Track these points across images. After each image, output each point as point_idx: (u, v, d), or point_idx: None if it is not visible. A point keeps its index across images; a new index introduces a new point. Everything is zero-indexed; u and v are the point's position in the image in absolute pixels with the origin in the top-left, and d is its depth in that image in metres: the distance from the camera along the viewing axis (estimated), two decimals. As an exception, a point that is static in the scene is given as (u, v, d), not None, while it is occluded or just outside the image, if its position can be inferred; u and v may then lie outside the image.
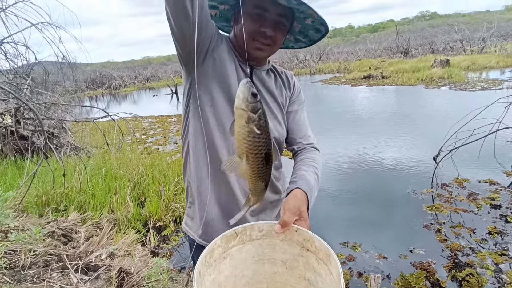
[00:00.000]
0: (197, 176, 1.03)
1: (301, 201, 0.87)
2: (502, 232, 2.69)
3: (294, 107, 1.14)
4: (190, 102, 1.02)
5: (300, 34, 1.13)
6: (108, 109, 15.14)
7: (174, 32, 0.87)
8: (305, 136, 1.13)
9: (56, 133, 5.35)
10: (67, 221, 2.64)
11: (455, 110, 6.95)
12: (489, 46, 19.23)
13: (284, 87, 1.13)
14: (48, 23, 4.33)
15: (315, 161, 1.06)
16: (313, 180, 0.97)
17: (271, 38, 0.97)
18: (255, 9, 0.94)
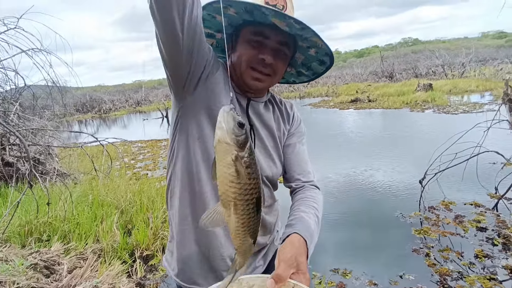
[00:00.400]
0: (179, 213, 0.96)
1: (299, 250, 0.74)
2: (489, 256, 2.72)
3: (293, 139, 1.06)
4: (177, 133, 0.94)
5: (303, 67, 1.07)
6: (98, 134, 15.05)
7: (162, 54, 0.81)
8: (304, 173, 1.03)
9: (42, 159, 5.26)
10: (50, 252, 2.56)
11: (439, 133, 7.16)
12: (468, 71, 20.14)
13: (283, 120, 1.06)
14: (39, 49, 4.39)
15: (315, 200, 0.96)
16: (314, 223, 0.87)
17: (271, 66, 0.90)
18: (254, 36, 0.88)
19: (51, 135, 5.98)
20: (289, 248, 0.74)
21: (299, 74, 1.10)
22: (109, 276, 2.16)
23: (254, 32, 0.88)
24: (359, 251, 3.05)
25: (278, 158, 1.02)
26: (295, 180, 1.03)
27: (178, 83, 0.86)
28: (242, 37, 0.91)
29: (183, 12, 0.73)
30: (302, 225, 0.83)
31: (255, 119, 0.98)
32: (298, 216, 0.87)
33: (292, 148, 1.05)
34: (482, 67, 21.41)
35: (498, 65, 19.17)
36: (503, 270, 2.52)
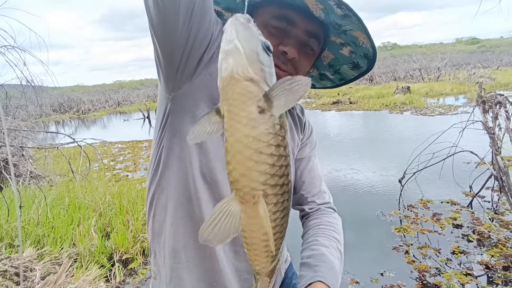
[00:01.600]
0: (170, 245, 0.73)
1: None
2: (465, 252, 2.81)
3: (305, 151, 0.88)
4: (165, 135, 0.71)
5: (329, 69, 0.85)
6: (76, 134, 14.55)
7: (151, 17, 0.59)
8: (320, 193, 0.88)
9: (14, 161, 5.02)
10: (21, 257, 2.43)
11: (417, 134, 7.37)
12: (444, 75, 20.94)
13: (296, 127, 0.86)
14: (12, 46, 4.19)
15: (335, 229, 0.81)
16: (338, 263, 0.72)
17: (293, 62, 0.68)
18: (277, 21, 0.66)
19: (25, 135, 5.73)
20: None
21: (322, 77, 0.88)
22: (86, 281, 2.07)
23: (277, 15, 0.66)
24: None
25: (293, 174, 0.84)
26: (308, 203, 0.86)
27: (170, 63, 0.64)
28: (260, 16, 0.68)
29: None
30: (326, 269, 0.67)
31: None
32: (319, 253, 0.71)
33: (306, 162, 0.87)
34: (456, 71, 22.32)
35: (471, 69, 20.05)
36: (478, 265, 2.61)
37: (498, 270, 2.51)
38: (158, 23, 0.59)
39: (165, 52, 0.63)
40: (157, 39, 0.62)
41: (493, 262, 2.62)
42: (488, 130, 3.24)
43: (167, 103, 0.70)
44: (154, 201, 0.75)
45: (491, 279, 2.45)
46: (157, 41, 0.62)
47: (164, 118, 0.71)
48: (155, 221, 0.75)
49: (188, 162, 0.68)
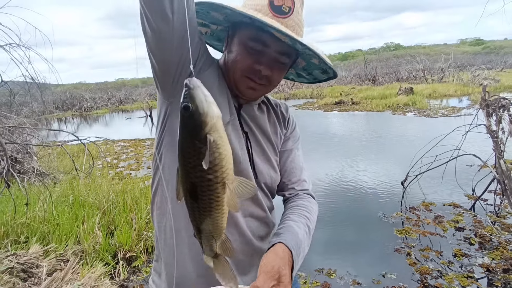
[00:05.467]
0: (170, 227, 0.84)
1: (282, 261, 0.69)
2: (466, 255, 2.82)
3: (288, 145, 1.00)
4: (165, 135, 0.84)
5: (304, 71, 1.00)
6: (78, 132, 14.60)
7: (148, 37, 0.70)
8: (299, 181, 0.97)
9: (19, 158, 5.06)
10: (27, 254, 2.46)
11: (420, 136, 7.37)
12: (447, 76, 20.86)
13: (279, 123, 0.99)
14: (17, 44, 4.22)
15: (307, 210, 0.90)
16: (303, 233, 0.82)
17: (267, 78, 0.82)
18: (252, 42, 0.79)
19: (29, 133, 5.77)
20: (272, 258, 0.70)
21: (299, 75, 1.04)
22: (91, 279, 2.10)
23: (252, 37, 0.79)
24: (343, 251, 3.10)
25: (276, 164, 0.95)
26: (289, 189, 0.96)
27: (167, 75, 0.76)
28: (238, 38, 0.81)
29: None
30: (289, 235, 0.78)
31: (251, 123, 0.91)
32: (287, 225, 0.82)
33: (288, 154, 0.98)
34: (460, 73, 22.22)
35: (475, 71, 19.95)
36: (479, 268, 2.62)
37: (498, 273, 2.52)
38: (157, 48, 0.71)
39: (162, 69, 0.75)
40: (155, 60, 0.73)
41: (493, 265, 2.63)
42: (492, 133, 3.25)
43: (166, 107, 0.82)
44: (157, 191, 0.87)
45: (491, 281, 2.46)
46: (155, 61, 0.73)
47: (164, 119, 0.83)
48: (158, 208, 0.88)
49: None
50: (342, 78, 28.94)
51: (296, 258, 0.74)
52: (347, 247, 3.17)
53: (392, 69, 28.55)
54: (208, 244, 0.55)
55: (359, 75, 27.27)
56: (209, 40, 0.97)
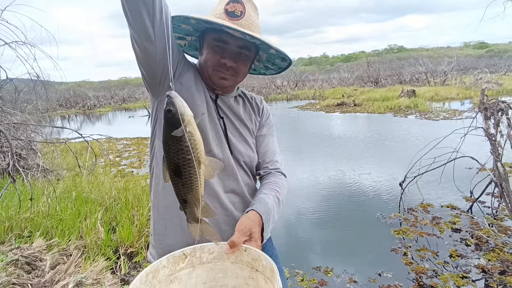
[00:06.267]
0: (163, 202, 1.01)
1: (253, 222, 0.86)
2: (462, 255, 2.86)
3: (263, 131, 1.15)
4: (157, 126, 1.02)
5: (268, 62, 1.17)
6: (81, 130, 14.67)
7: (137, 54, 0.88)
8: (272, 161, 1.13)
9: (24, 154, 5.14)
10: (31, 248, 2.52)
11: (421, 138, 7.40)
12: (450, 79, 20.83)
13: (254, 112, 1.15)
14: (23, 42, 4.29)
15: (277, 185, 1.06)
16: (272, 203, 0.97)
17: (233, 68, 0.99)
18: (216, 42, 0.98)
19: (33, 130, 5.84)
20: (245, 220, 0.86)
21: (267, 68, 1.20)
22: (94, 272, 2.16)
23: (215, 38, 0.97)
24: (341, 250, 3.15)
25: (253, 145, 1.11)
26: (263, 168, 1.12)
27: (154, 80, 0.94)
28: (206, 42, 1.00)
29: (153, 16, 0.82)
30: (259, 204, 0.94)
31: (227, 111, 1.07)
32: (258, 198, 0.98)
33: (263, 138, 1.14)
34: (463, 76, 22.19)
35: (478, 74, 19.92)
36: (475, 269, 2.66)
37: (494, 274, 2.56)
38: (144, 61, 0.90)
39: (150, 76, 0.93)
40: (144, 69, 0.92)
41: (489, 266, 2.66)
42: (490, 136, 3.28)
43: (156, 104, 1.01)
44: (153, 174, 1.05)
45: (487, 282, 2.50)
46: (144, 70, 0.92)
47: (155, 114, 1.02)
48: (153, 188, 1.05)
49: None
50: (345, 80, 28.96)
51: (266, 222, 0.90)
52: (344, 246, 3.22)
53: (395, 71, 28.53)
54: (192, 212, 0.69)
55: (361, 77, 27.29)
56: (188, 51, 1.16)
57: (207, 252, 0.82)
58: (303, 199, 4.48)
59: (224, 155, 1.03)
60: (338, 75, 32.88)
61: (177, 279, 0.74)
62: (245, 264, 0.77)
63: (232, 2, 0.96)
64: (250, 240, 0.82)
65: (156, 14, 0.82)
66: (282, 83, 27.47)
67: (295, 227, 3.66)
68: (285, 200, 1.06)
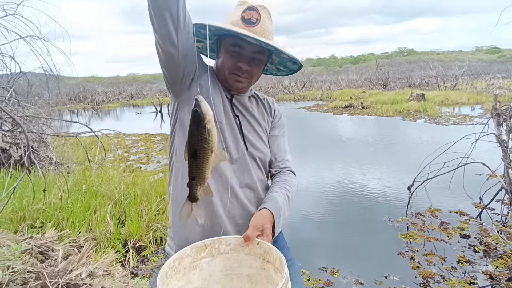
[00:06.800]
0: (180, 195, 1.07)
1: (265, 219, 0.95)
2: (470, 261, 2.84)
3: (275, 132, 1.23)
4: (177, 125, 1.09)
5: (280, 65, 1.24)
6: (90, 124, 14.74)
7: (161, 57, 0.97)
8: (283, 160, 1.21)
9: (35, 147, 5.23)
10: (43, 238, 2.57)
11: (430, 143, 7.34)
12: (461, 84, 20.57)
13: (266, 112, 1.22)
14: (37, 36, 4.37)
15: (287, 183, 1.13)
16: (283, 200, 1.06)
17: (248, 72, 1.06)
18: (232, 47, 1.05)
19: (44, 123, 5.94)
20: (258, 218, 0.96)
21: (278, 70, 1.27)
22: (104, 264, 2.19)
23: (231, 43, 1.05)
24: (347, 251, 3.15)
25: (267, 141, 1.19)
26: (274, 167, 1.20)
27: (176, 81, 1.02)
28: (223, 46, 1.08)
29: (177, 23, 0.89)
30: (271, 203, 1.02)
31: (242, 109, 1.14)
32: (270, 196, 1.06)
33: (275, 139, 1.21)
34: (474, 81, 21.89)
35: (490, 79, 19.64)
36: (483, 275, 2.64)
37: (502, 281, 2.54)
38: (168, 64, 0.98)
39: (172, 77, 1.01)
40: (167, 72, 1.00)
41: (497, 273, 2.64)
42: (501, 143, 3.26)
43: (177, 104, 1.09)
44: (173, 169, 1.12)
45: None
46: (167, 72, 1.01)
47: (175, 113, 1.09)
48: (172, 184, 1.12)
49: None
50: (353, 82, 28.80)
51: (277, 218, 1.00)
52: (351, 248, 3.22)
53: (404, 74, 28.31)
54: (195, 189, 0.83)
55: (370, 79, 27.11)
56: (205, 52, 1.22)
57: (225, 244, 0.91)
58: (310, 200, 4.49)
59: (239, 151, 1.10)
60: (347, 76, 32.71)
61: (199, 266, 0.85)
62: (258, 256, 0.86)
63: (248, 10, 1.02)
64: (262, 235, 0.92)
65: (180, 22, 0.90)
66: (290, 83, 27.43)
67: (302, 228, 3.67)
68: (294, 197, 1.14)
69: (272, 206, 1.00)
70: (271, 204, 1.01)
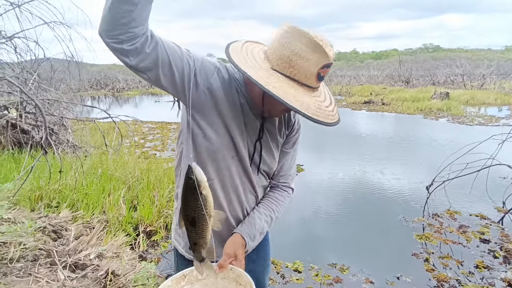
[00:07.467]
0: None
1: (238, 246, 0.98)
2: (489, 267, 2.71)
3: (287, 147, 1.13)
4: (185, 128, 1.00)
5: None
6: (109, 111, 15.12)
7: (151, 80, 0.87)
8: (284, 175, 1.15)
9: (56, 129, 5.37)
10: (58, 217, 2.64)
11: (452, 142, 7.06)
12: (488, 83, 19.67)
13: (284, 125, 1.09)
14: (61, 22, 4.44)
15: (277, 202, 1.11)
16: (262, 223, 1.06)
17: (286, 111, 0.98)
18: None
19: (65, 107, 6.09)
20: (231, 244, 0.98)
21: None
22: (114, 246, 2.23)
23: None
24: (359, 249, 3.07)
25: (277, 158, 1.12)
26: (275, 178, 1.16)
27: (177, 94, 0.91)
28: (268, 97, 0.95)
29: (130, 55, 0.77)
30: (246, 227, 1.03)
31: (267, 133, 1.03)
32: (251, 217, 1.06)
33: (284, 154, 1.13)
34: (502, 81, 20.87)
35: (520, 80, 18.66)
36: (501, 282, 2.51)
37: (524, 290, 2.41)
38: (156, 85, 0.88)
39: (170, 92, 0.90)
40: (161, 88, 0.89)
41: (519, 281, 2.51)
42: (531, 144, 3.06)
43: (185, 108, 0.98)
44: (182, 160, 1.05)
45: (515, 298, 2.35)
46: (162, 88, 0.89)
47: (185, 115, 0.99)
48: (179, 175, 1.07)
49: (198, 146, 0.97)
50: (374, 78, 28.06)
51: (250, 241, 1.02)
52: (363, 246, 3.13)
53: (428, 71, 27.29)
54: (199, 252, 0.85)
55: (392, 75, 26.32)
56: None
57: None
58: (323, 196, 4.41)
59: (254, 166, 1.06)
60: (368, 72, 31.84)
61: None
62: (231, 279, 0.97)
63: (327, 67, 0.83)
64: (236, 261, 0.97)
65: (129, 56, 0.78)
66: (309, 77, 26.93)
67: (313, 223, 3.61)
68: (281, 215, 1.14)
69: (245, 231, 1.02)
70: (245, 229, 1.02)
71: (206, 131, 0.93)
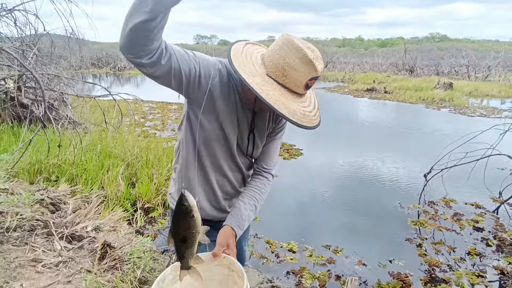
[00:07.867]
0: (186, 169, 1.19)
1: (229, 236, 1.08)
2: (481, 255, 2.75)
3: (272, 135, 1.25)
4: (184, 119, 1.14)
5: None
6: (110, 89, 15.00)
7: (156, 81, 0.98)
8: (267, 160, 1.26)
9: (56, 105, 5.34)
10: (57, 191, 2.65)
11: (452, 132, 7.03)
12: (493, 75, 19.43)
13: (273, 120, 1.21)
14: (61, -4, 4.33)
15: (259, 191, 1.21)
16: (247, 213, 1.16)
17: None
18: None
19: (66, 83, 6.02)
20: (222, 235, 1.08)
21: None
22: (111, 220, 2.25)
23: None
24: (354, 233, 3.11)
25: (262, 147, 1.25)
26: (257, 163, 1.27)
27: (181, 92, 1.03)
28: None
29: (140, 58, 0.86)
30: (235, 219, 1.12)
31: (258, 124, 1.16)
32: (237, 207, 1.16)
33: (268, 141, 1.24)
34: (508, 73, 20.60)
35: (526, 73, 18.39)
36: (493, 270, 2.56)
37: (513, 277, 2.45)
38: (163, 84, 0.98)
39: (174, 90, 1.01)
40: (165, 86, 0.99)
41: (509, 269, 2.55)
42: (532, 135, 3.04)
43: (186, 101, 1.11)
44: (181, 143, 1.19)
45: (505, 285, 2.40)
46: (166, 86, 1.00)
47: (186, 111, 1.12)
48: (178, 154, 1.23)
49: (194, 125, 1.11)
50: (378, 65, 27.69)
51: (239, 230, 1.12)
52: (357, 229, 3.18)
53: (433, 61, 26.89)
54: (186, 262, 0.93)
55: (396, 64, 25.97)
56: None
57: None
58: (322, 180, 4.43)
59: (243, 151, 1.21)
60: (372, 59, 31.36)
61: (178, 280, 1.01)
62: (225, 266, 1.07)
63: (314, 79, 0.97)
64: (228, 249, 1.06)
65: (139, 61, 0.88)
66: (312, 62, 26.57)
67: (310, 206, 3.64)
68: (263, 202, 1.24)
69: (234, 222, 1.12)
70: (234, 220, 1.12)
71: (202, 123, 1.07)
